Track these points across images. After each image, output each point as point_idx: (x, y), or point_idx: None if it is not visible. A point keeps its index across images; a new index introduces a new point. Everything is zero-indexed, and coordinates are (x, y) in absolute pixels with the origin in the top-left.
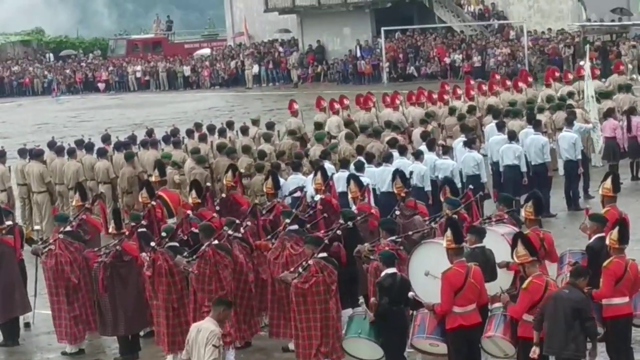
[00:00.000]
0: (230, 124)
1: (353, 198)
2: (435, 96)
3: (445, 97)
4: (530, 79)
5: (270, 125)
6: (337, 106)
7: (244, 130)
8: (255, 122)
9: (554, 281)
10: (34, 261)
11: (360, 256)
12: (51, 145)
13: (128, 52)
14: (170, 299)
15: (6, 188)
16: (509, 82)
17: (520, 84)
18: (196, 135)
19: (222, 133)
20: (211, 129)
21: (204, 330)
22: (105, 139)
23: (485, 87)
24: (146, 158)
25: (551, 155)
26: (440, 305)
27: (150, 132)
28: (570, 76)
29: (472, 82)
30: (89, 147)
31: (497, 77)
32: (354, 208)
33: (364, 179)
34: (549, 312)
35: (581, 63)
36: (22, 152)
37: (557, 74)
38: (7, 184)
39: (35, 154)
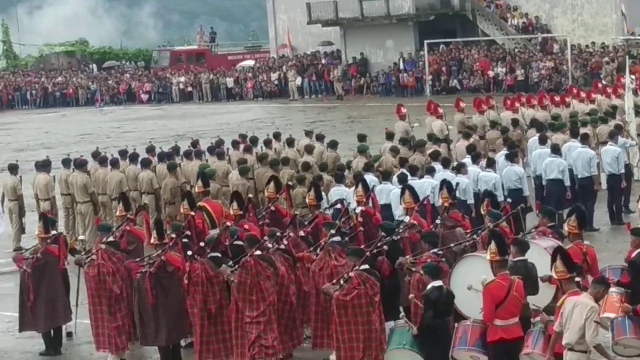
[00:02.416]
0: (277, 135)
1: (407, 209)
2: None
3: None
4: (582, 94)
5: (320, 137)
6: (440, 110)
7: (290, 142)
8: (308, 134)
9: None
10: (77, 271)
11: (402, 268)
12: (95, 155)
13: (171, 63)
14: (207, 308)
15: (50, 197)
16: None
17: (568, 99)
18: (241, 146)
19: (267, 144)
20: (254, 140)
21: (582, 305)
22: (150, 149)
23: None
24: (190, 169)
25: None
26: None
27: (195, 143)
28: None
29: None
30: (133, 158)
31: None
32: (407, 219)
33: None
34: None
35: (622, 77)
36: (66, 162)
37: (598, 87)
38: (51, 194)
39: (79, 164)
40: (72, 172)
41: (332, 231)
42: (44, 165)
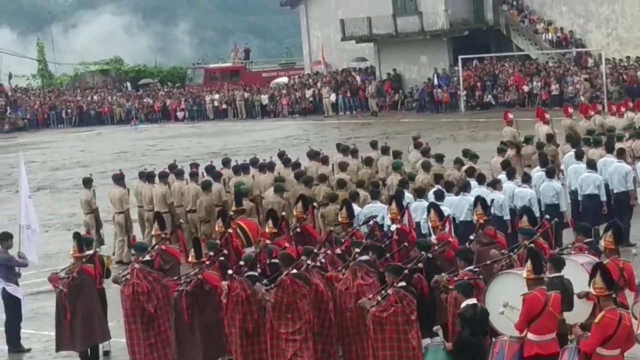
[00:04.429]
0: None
1: (433, 227)
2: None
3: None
4: (630, 104)
5: (354, 152)
6: (547, 116)
7: (324, 160)
8: (374, 145)
9: (628, 313)
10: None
11: (438, 286)
12: (171, 167)
13: (206, 81)
14: (245, 327)
15: (124, 210)
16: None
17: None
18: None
19: (270, 168)
20: (286, 161)
21: None
22: (226, 161)
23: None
24: (262, 181)
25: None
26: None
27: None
28: None
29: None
30: (209, 170)
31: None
32: (433, 237)
33: (445, 208)
34: None
35: None
36: (142, 175)
37: (630, 104)
38: (126, 206)
39: (161, 176)
40: (147, 185)
41: (357, 250)
42: (118, 179)
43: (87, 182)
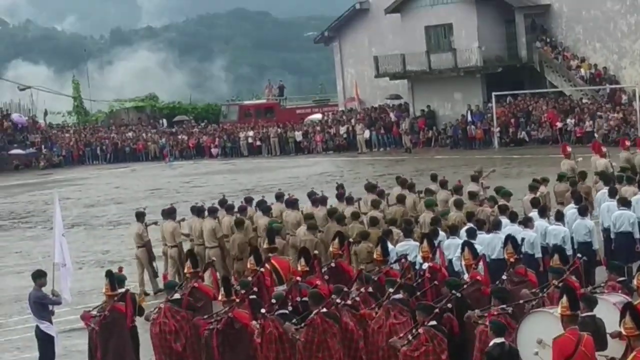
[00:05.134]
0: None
1: (467, 265)
2: None
3: None
4: None
5: (380, 193)
6: (604, 149)
7: (349, 200)
8: (371, 189)
9: None
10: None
11: (470, 321)
12: (222, 203)
13: (240, 117)
14: None
15: (177, 244)
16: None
17: None
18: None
19: (322, 202)
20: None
21: None
22: (279, 195)
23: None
24: (292, 217)
25: None
26: None
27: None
28: None
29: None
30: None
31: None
32: (466, 275)
33: (477, 246)
34: None
35: None
36: (193, 210)
37: None
38: (178, 240)
39: (210, 211)
40: (198, 219)
41: (391, 289)
42: (170, 213)
43: (140, 216)
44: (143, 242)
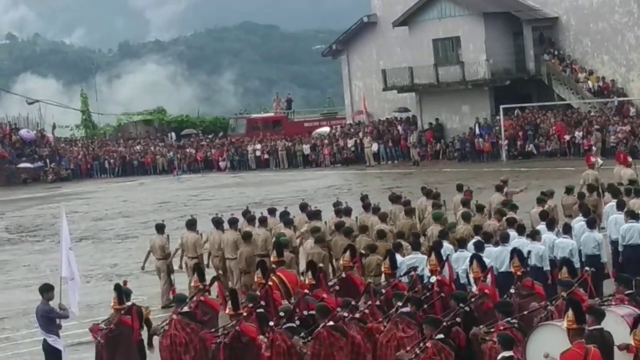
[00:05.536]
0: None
1: (475, 278)
2: None
3: None
4: None
5: (407, 203)
6: (629, 159)
7: (375, 210)
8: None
9: None
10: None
11: (476, 338)
12: (245, 214)
13: (248, 130)
14: None
15: (198, 255)
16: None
17: None
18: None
19: (347, 213)
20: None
21: None
22: (303, 206)
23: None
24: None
25: None
26: None
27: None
28: None
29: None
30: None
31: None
32: (474, 288)
33: (485, 259)
34: None
35: None
36: (216, 222)
37: None
38: (199, 251)
39: (231, 222)
40: (220, 231)
41: (399, 303)
42: (191, 224)
43: (161, 228)
44: (164, 254)
